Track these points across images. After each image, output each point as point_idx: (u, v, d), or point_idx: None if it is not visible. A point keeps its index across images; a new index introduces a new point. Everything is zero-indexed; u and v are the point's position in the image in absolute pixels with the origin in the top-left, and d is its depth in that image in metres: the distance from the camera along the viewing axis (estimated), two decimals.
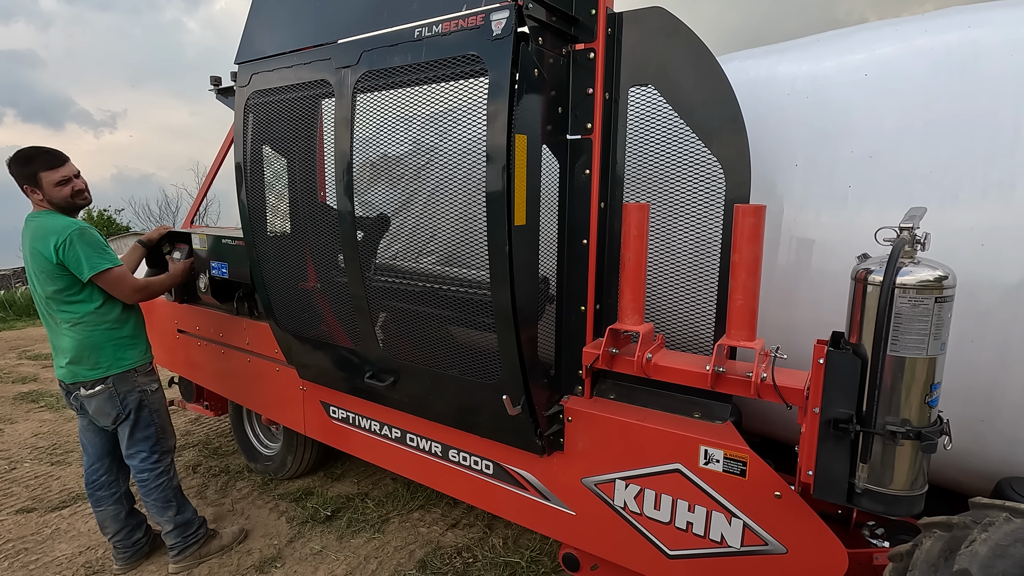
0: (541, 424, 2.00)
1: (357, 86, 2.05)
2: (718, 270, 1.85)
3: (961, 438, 1.66)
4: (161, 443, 2.87)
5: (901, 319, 1.36)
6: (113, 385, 2.69)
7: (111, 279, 2.62)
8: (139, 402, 2.77)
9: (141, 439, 2.80)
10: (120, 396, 2.72)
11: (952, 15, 1.82)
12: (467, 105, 1.82)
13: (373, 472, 3.86)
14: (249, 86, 2.47)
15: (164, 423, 2.89)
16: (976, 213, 1.63)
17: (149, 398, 2.80)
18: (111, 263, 2.61)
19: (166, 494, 2.87)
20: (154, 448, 2.83)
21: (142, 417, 2.78)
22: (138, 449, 2.80)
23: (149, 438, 2.82)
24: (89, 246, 2.55)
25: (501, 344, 1.89)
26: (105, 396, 2.69)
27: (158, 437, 2.85)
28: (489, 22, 1.69)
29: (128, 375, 2.73)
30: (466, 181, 1.95)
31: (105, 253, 2.61)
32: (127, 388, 2.73)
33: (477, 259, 1.94)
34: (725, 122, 1.76)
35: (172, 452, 2.95)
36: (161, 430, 2.86)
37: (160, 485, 2.85)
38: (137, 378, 2.76)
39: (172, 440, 2.96)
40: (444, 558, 2.97)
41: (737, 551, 1.77)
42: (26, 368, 7.03)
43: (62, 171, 2.62)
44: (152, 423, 2.82)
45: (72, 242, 2.51)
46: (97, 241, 2.61)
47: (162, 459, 2.87)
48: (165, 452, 2.89)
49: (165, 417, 2.90)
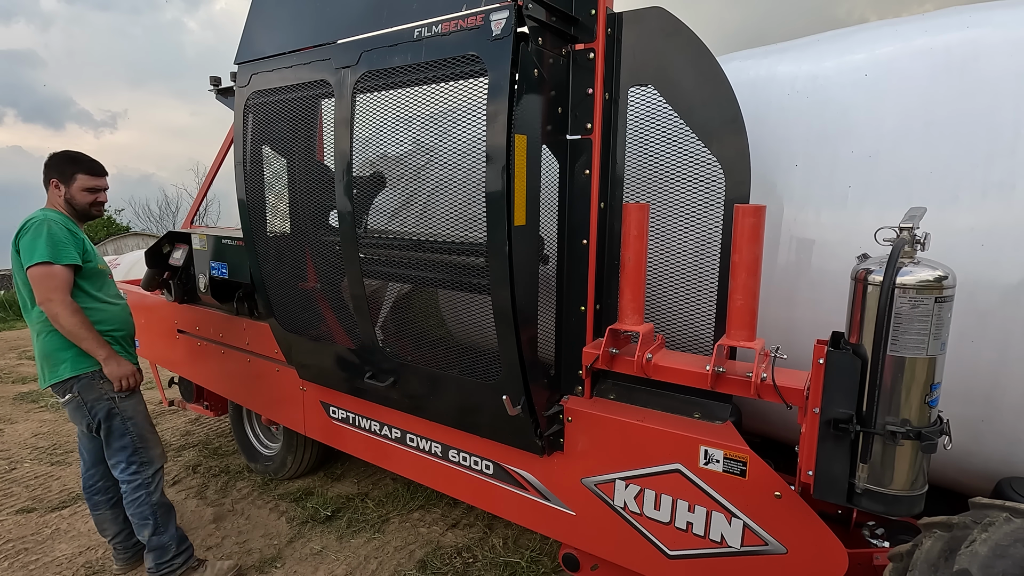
0: (541, 424, 2.00)
1: (357, 86, 2.05)
2: (718, 270, 1.85)
3: (961, 438, 1.66)
4: (140, 453, 2.67)
5: (901, 319, 1.36)
6: (79, 393, 2.55)
7: (35, 274, 2.39)
8: (108, 411, 2.60)
9: (117, 449, 2.65)
10: (87, 405, 2.58)
11: (952, 15, 1.82)
12: (467, 105, 1.82)
13: (373, 472, 3.86)
14: (249, 86, 2.47)
15: (142, 432, 2.69)
16: (976, 213, 1.63)
17: (119, 406, 2.62)
18: (49, 258, 2.39)
19: (143, 510, 2.67)
20: (131, 459, 2.65)
21: (114, 427, 2.62)
22: (117, 460, 2.66)
23: (125, 448, 2.65)
24: (42, 237, 2.39)
25: (501, 344, 1.89)
26: (74, 405, 2.59)
27: (135, 447, 2.66)
28: (489, 22, 1.69)
29: (92, 382, 2.57)
30: (466, 181, 1.95)
31: (55, 248, 2.40)
32: (93, 396, 2.57)
33: (476, 259, 1.94)
34: (725, 122, 1.76)
35: (153, 464, 2.71)
36: (139, 439, 2.67)
37: (137, 500, 2.66)
38: (103, 385, 2.58)
39: (154, 451, 2.73)
40: (444, 558, 2.97)
41: (737, 551, 1.77)
42: (26, 368, 7.03)
43: (97, 181, 2.65)
44: (126, 432, 2.64)
45: (30, 229, 2.42)
46: (56, 235, 2.43)
47: (140, 471, 2.67)
48: (143, 463, 2.68)
49: (143, 425, 2.70)
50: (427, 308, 2.51)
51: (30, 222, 2.46)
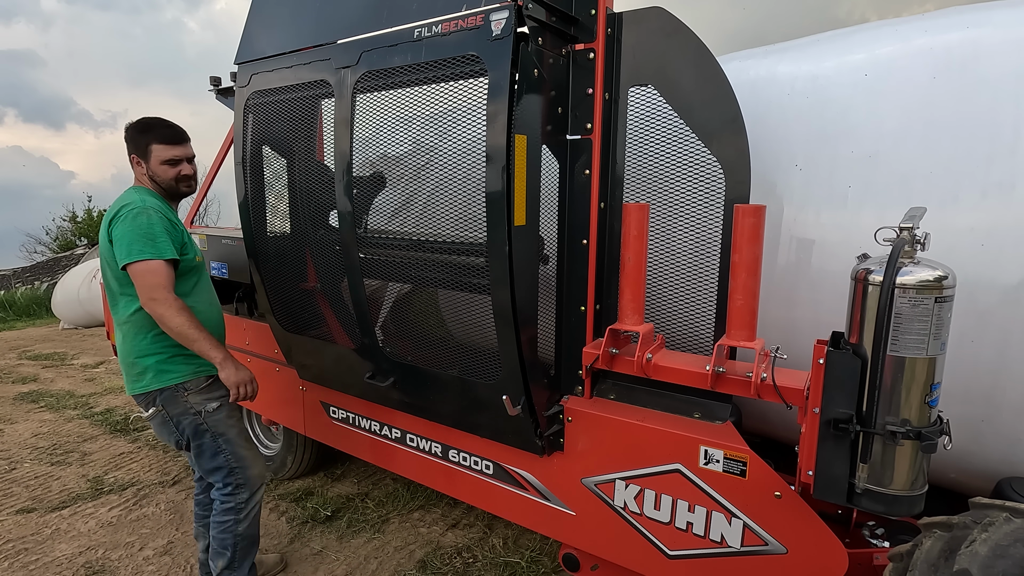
0: (541, 424, 2.00)
1: (357, 86, 2.05)
2: (718, 270, 1.85)
3: (961, 438, 1.66)
4: (236, 474, 2.35)
5: (901, 319, 1.36)
6: (163, 407, 2.24)
7: (136, 271, 2.10)
8: (196, 427, 2.28)
9: (211, 469, 2.35)
10: (174, 420, 2.26)
11: (952, 15, 1.82)
12: (467, 106, 1.82)
13: (373, 472, 3.86)
14: (249, 86, 2.47)
15: (236, 449, 2.35)
16: (976, 213, 1.63)
17: (207, 421, 2.28)
18: (150, 255, 2.10)
19: (225, 537, 2.38)
20: (227, 479, 2.35)
21: (204, 446, 2.30)
22: (213, 479, 2.38)
23: (219, 468, 2.34)
24: (140, 228, 2.10)
25: (501, 344, 1.89)
26: (159, 420, 2.28)
27: (230, 467, 2.34)
28: (489, 22, 1.69)
29: (176, 395, 2.23)
30: (466, 182, 1.95)
31: (154, 241, 2.12)
32: (179, 411, 2.25)
33: (476, 259, 1.93)
34: (725, 122, 1.76)
35: (249, 487, 2.39)
36: (234, 458, 2.34)
37: (223, 524, 2.36)
38: (188, 397, 2.25)
39: (251, 471, 2.40)
40: (444, 558, 2.97)
41: (737, 551, 1.77)
42: (26, 368, 7.03)
43: (176, 150, 2.30)
44: (218, 451, 2.31)
45: (127, 218, 2.12)
46: (155, 226, 2.13)
47: (233, 494, 2.36)
48: (239, 486, 2.36)
49: (238, 442, 2.36)
50: (427, 308, 2.51)
51: (126, 209, 2.14)
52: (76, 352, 7.87)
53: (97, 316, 8.79)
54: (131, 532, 3.26)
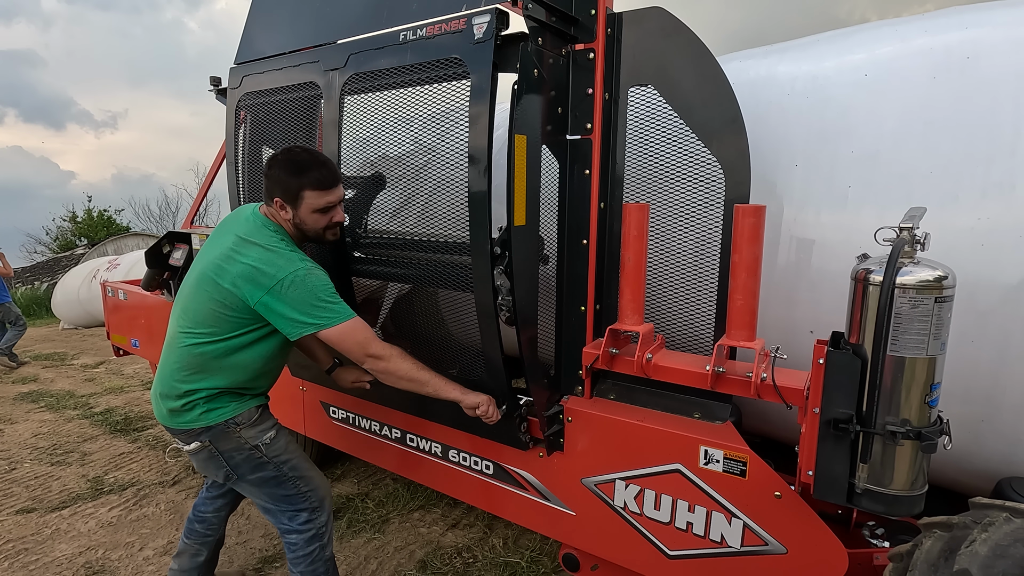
0: (541, 425, 2.00)
1: (345, 88, 2.07)
2: (718, 270, 1.85)
3: (961, 438, 1.66)
4: (309, 498, 2.18)
5: (901, 319, 1.36)
6: (210, 443, 2.04)
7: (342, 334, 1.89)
8: (256, 463, 2.08)
9: (280, 498, 2.15)
10: (224, 455, 2.06)
11: (952, 15, 1.82)
12: (451, 107, 1.83)
13: (373, 472, 3.86)
14: (240, 88, 2.48)
15: (303, 472, 2.18)
16: (976, 213, 1.63)
17: (268, 452, 2.09)
18: (348, 316, 1.90)
19: (316, 568, 2.18)
20: (300, 507, 2.17)
21: (265, 477, 2.11)
22: (281, 510, 2.17)
23: (290, 497, 2.15)
24: (321, 290, 1.88)
25: (484, 343, 1.89)
26: (204, 455, 2.07)
27: (301, 491, 2.16)
28: (471, 26, 1.71)
29: (227, 431, 2.03)
30: (450, 182, 1.96)
31: (337, 299, 1.91)
32: (231, 447, 2.05)
33: (461, 257, 1.93)
34: (725, 122, 1.76)
35: (324, 509, 2.22)
36: (303, 482, 2.17)
37: (311, 555, 2.17)
38: (241, 432, 2.04)
39: (323, 490, 2.23)
40: (444, 558, 2.97)
41: (737, 551, 1.77)
42: (26, 368, 7.04)
43: (329, 196, 1.94)
44: (284, 479, 2.13)
45: (297, 284, 1.85)
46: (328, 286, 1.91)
47: (312, 519, 2.18)
48: (316, 509, 2.19)
49: (302, 465, 2.19)
50: (425, 308, 2.51)
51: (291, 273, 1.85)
52: (76, 352, 7.88)
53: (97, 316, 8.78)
54: (131, 532, 3.26)
